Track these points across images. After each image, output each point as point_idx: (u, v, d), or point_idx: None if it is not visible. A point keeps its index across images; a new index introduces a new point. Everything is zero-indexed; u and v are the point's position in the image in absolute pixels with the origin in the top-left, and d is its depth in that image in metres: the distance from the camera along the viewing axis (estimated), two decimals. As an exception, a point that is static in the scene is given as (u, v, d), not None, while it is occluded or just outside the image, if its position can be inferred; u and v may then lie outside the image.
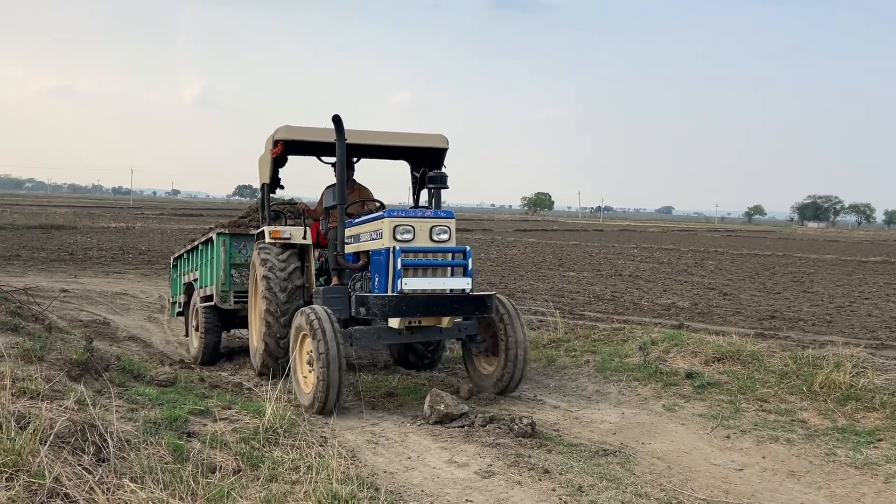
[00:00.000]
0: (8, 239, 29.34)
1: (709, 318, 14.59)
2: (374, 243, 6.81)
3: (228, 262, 9.29)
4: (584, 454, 5.43)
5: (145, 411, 5.27)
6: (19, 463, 3.58)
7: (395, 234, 6.49)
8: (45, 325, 7.11)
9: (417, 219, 6.61)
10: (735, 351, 7.85)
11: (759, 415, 6.54)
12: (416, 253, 6.49)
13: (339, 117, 7.01)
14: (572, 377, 8.16)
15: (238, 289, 9.27)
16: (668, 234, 67.67)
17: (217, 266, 9.29)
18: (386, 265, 6.56)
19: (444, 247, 6.63)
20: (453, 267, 6.65)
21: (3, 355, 5.12)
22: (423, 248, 6.54)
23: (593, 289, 19.38)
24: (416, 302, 6.33)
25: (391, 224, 6.50)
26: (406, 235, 6.50)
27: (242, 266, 9.31)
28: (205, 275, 9.98)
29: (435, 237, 6.60)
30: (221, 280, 9.24)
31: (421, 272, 6.49)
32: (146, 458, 4.14)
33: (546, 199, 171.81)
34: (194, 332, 10.22)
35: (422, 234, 6.57)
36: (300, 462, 4.54)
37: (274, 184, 8.49)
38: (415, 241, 6.54)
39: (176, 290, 12.15)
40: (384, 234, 6.56)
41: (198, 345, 9.87)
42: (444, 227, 6.64)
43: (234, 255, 9.35)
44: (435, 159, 8.32)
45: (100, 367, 6.14)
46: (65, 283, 16.99)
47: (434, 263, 6.56)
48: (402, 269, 6.32)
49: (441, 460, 5.23)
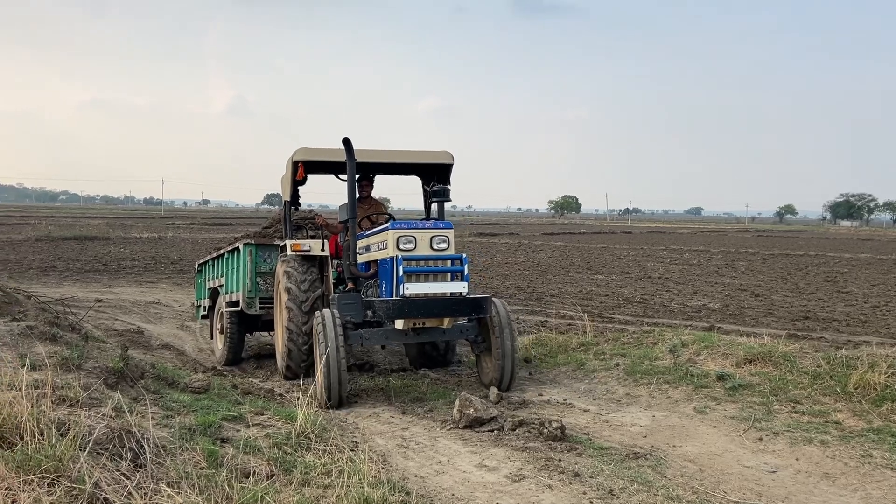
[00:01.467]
0: (44, 250, 29.94)
1: (740, 319, 14.44)
2: (381, 253, 7.48)
3: (254, 271, 9.81)
4: (614, 457, 5.42)
5: (180, 417, 5.36)
6: (60, 469, 3.67)
7: (399, 244, 7.13)
8: (82, 335, 7.27)
9: (418, 230, 7.23)
10: (767, 352, 7.77)
11: (793, 416, 6.47)
12: (417, 261, 7.09)
13: (348, 139, 7.64)
14: (602, 380, 8.14)
15: (263, 295, 9.80)
16: (698, 235, 67.01)
17: (244, 274, 9.78)
18: (391, 272, 7.18)
19: (443, 254, 7.23)
20: (451, 272, 7.21)
21: (43, 364, 5.25)
22: (424, 255, 7.16)
23: (622, 291, 19.28)
24: (417, 304, 6.96)
25: (395, 235, 7.15)
26: (408, 245, 7.14)
27: (267, 274, 9.87)
28: (231, 281, 10.46)
29: (435, 246, 7.21)
30: (248, 287, 9.75)
31: (423, 277, 7.09)
32: (182, 464, 4.23)
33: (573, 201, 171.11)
34: (219, 335, 10.76)
35: (423, 244, 7.18)
36: (332, 466, 4.59)
37: (295, 201, 9.10)
38: (416, 249, 7.15)
39: (200, 294, 12.70)
40: (389, 244, 7.22)
41: (222, 346, 10.42)
42: (443, 237, 7.25)
43: (259, 264, 9.89)
44: (442, 174, 8.96)
45: (135, 374, 6.27)
46: (99, 293, 17.30)
47: (433, 270, 7.16)
48: (404, 276, 6.96)
49: (471, 464, 5.26)
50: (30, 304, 7.87)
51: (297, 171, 8.46)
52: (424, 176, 9.33)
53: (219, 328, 10.83)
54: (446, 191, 8.03)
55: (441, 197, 8.02)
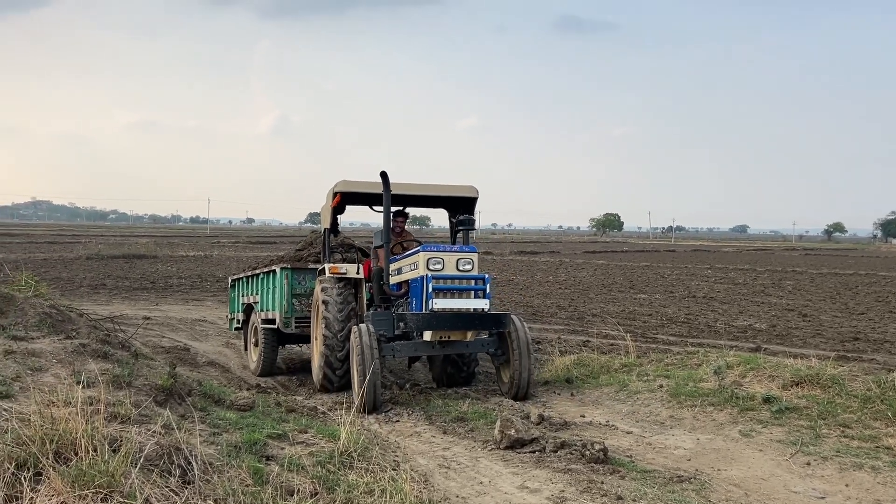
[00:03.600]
0: (94, 269, 30.73)
1: (787, 340, 14.17)
2: (413, 273, 8.27)
3: (290, 293, 10.58)
4: (658, 480, 5.37)
5: (226, 435, 5.47)
6: (113, 484, 3.78)
7: (429, 265, 7.94)
8: (132, 352, 7.46)
9: (446, 252, 8.07)
10: (815, 375, 7.62)
11: (842, 441, 6.33)
12: (444, 279, 7.91)
13: (385, 173, 8.48)
14: (645, 402, 8.05)
15: (298, 315, 10.57)
16: (744, 253, 65.90)
17: (281, 295, 10.55)
18: (421, 290, 7.97)
19: (468, 275, 8.03)
20: (475, 290, 8.01)
21: (96, 381, 5.41)
22: (451, 275, 7.97)
23: (666, 311, 19.06)
24: (444, 318, 7.83)
25: (425, 257, 7.99)
26: (437, 266, 7.94)
27: (302, 296, 10.66)
28: (266, 300, 11.20)
29: (461, 267, 8.02)
30: (285, 308, 10.51)
31: (449, 294, 7.90)
32: (228, 481, 4.31)
33: (615, 219, 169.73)
34: (253, 347, 11.64)
35: (450, 265, 7.99)
36: (374, 485, 4.63)
37: (334, 228, 10.01)
38: (444, 269, 7.96)
39: (234, 307, 13.47)
40: (420, 265, 8.03)
41: (257, 358, 11.29)
42: (468, 259, 8.07)
43: (295, 287, 10.67)
44: (467, 206, 9.85)
45: (183, 392, 6.40)
46: (147, 311, 17.68)
47: (459, 288, 7.96)
48: (433, 292, 7.80)
49: (513, 485, 5.25)
50: (82, 322, 8.11)
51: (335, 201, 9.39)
52: (451, 208, 10.18)
53: (253, 342, 11.67)
54: (471, 220, 9.01)
55: (466, 226, 9.01)
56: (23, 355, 6.14)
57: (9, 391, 5.22)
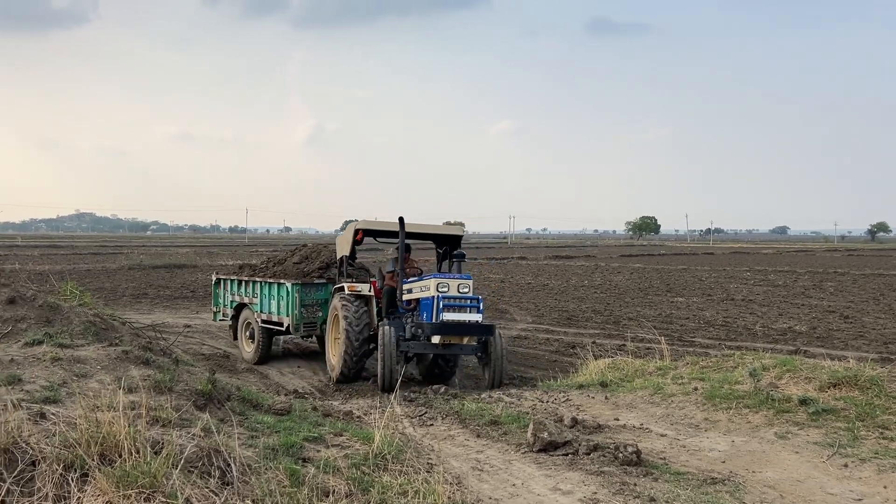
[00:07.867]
0: (136, 278, 31.39)
1: (828, 342, 13.95)
2: (424, 293, 10.60)
3: (300, 304, 12.65)
4: (691, 483, 5.36)
5: (264, 438, 5.60)
6: (155, 485, 3.92)
7: (438, 288, 10.28)
8: (173, 359, 7.66)
9: (450, 279, 10.47)
10: (853, 376, 7.51)
11: (880, 443, 6.25)
12: (450, 298, 10.27)
13: (402, 218, 11.08)
14: (680, 405, 8.01)
15: (305, 321, 12.75)
16: (784, 255, 64.80)
17: (292, 305, 12.64)
18: (432, 305, 10.32)
19: (467, 296, 10.41)
20: (471, 307, 10.36)
21: (138, 387, 5.59)
22: (454, 296, 10.34)
23: (704, 314, 18.87)
24: (450, 326, 10.22)
25: (436, 282, 10.39)
26: (444, 288, 10.29)
27: (308, 305, 12.79)
28: (268, 304, 13.27)
29: (460, 290, 10.37)
30: (296, 316, 12.61)
31: (454, 310, 10.25)
32: (266, 482, 4.43)
33: (651, 222, 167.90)
34: (248, 340, 13.73)
35: (453, 288, 10.33)
36: (408, 487, 4.71)
37: (352, 255, 12.18)
38: (449, 291, 10.29)
39: (218, 302, 15.08)
40: (431, 287, 10.39)
41: (252, 350, 13.46)
42: (466, 285, 10.45)
43: (303, 299, 12.76)
44: (454, 242, 12.31)
45: (222, 397, 6.57)
46: (187, 319, 18.04)
47: (461, 305, 10.32)
48: (443, 308, 10.17)
49: (545, 487, 5.29)
50: (125, 330, 8.35)
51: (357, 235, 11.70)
52: (440, 243, 12.61)
53: (247, 335, 13.78)
54: (462, 255, 11.84)
55: (459, 258, 11.70)
56: (69, 362, 6.36)
57: (56, 396, 5.43)
